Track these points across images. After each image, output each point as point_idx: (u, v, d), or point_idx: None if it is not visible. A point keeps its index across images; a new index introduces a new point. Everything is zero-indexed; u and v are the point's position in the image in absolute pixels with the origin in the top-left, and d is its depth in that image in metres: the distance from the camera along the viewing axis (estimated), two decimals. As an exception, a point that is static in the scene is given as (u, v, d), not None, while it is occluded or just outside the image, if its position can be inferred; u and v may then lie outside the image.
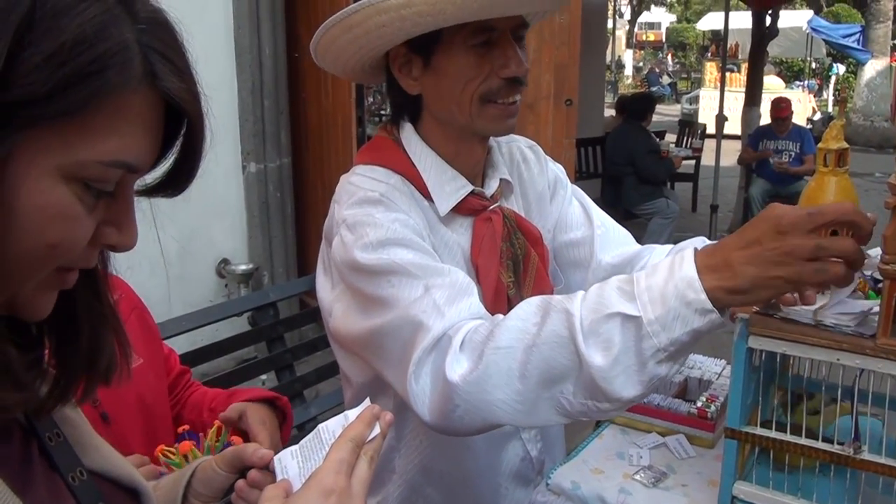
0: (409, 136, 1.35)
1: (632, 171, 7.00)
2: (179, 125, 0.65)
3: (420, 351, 1.11)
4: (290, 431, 1.47)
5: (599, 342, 0.97)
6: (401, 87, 1.31)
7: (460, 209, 1.34)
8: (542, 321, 1.02)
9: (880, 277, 1.00)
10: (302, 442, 0.82)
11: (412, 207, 1.29)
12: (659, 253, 1.45)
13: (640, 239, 1.69)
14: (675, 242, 1.44)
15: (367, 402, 0.81)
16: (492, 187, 1.40)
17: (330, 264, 1.29)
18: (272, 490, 0.75)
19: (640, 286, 0.96)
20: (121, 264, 0.75)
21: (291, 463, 0.80)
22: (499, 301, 1.34)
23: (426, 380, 1.11)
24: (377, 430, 0.78)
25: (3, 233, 0.57)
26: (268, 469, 0.85)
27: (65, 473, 0.71)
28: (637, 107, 7.35)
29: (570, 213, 1.57)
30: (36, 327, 0.70)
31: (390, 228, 1.20)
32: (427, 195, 1.32)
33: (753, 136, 7.67)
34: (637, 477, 1.25)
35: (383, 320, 1.16)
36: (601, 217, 1.57)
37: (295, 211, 4.71)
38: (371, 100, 4.66)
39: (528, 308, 1.06)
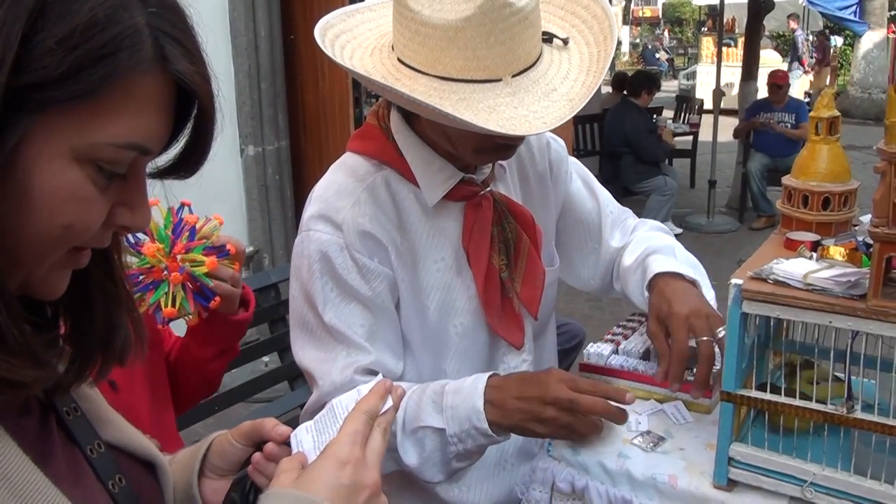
0: (397, 126, 1.36)
1: (629, 150, 6.99)
2: (190, 107, 0.66)
3: (309, 403, 1.35)
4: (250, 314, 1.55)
5: (416, 442, 1.27)
6: None
7: (451, 195, 1.36)
8: None
9: (871, 242, 1.02)
10: (316, 417, 0.84)
11: (388, 213, 1.32)
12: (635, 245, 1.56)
13: (639, 216, 1.71)
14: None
15: (379, 376, 0.83)
16: (484, 172, 1.40)
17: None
18: (288, 462, 0.76)
19: (447, 401, 1.25)
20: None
21: (306, 437, 0.82)
22: (490, 285, 1.37)
23: None
24: (389, 402, 0.80)
25: (18, 214, 0.58)
26: (284, 443, 0.87)
27: (83, 446, 0.73)
28: (634, 85, 7.30)
29: (574, 190, 1.59)
30: (51, 308, 0.72)
31: (338, 301, 1.31)
32: (417, 183, 1.34)
33: (751, 109, 7.66)
34: (636, 442, 1.28)
35: (304, 351, 1.36)
36: (604, 193, 1.62)
37: (294, 193, 4.71)
38: (367, 81, 4.64)
39: None
